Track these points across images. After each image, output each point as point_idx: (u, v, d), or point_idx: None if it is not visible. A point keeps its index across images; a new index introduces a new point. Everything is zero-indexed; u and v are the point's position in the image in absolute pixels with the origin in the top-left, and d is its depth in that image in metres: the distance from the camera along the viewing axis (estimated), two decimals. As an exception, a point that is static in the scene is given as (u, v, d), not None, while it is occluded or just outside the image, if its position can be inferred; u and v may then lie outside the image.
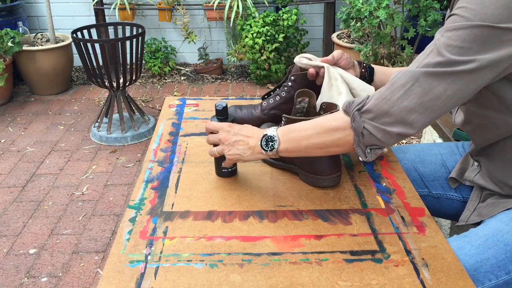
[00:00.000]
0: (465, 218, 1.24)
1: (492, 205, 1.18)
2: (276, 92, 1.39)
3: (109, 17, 4.13)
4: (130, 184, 2.69)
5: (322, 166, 1.14)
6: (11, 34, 3.48)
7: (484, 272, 1.02)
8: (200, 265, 0.92)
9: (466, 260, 1.02)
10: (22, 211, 2.45)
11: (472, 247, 1.05)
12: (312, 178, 1.16)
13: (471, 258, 1.03)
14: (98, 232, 2.30)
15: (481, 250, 1.04)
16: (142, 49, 3.07)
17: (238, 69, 4.33)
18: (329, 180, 1.15)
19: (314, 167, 1.15)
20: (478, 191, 1.24)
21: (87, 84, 4.08)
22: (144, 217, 1.06)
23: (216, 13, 3.93)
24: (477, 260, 1.03)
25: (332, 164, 1.14)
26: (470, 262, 1.02)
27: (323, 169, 1.14)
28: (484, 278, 1.02)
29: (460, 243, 1.06)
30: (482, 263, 1.03)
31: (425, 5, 3.04)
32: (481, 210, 1.20)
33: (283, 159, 1.21)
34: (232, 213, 1.08)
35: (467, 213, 1.24)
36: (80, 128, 3.34)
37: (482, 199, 1.22)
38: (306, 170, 1.17)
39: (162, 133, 1.43)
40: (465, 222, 1.23)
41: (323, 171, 1.14)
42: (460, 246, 1.05)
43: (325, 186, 1.16)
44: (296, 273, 0.91)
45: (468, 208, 1.24)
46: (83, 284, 1.99)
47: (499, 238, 1.06)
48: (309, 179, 1.17)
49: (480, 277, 1.02)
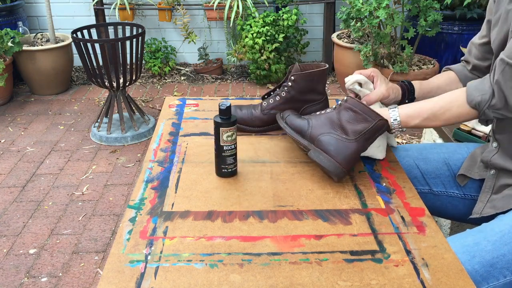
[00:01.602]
0: (479, 210, 1.24)
1: (508, 198, 1.18)
2: (276, 92, 1.39)
3: (109, 17, 4.13)
4: (130, 184, 2.69)
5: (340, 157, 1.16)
6: (11, 34, 3.48)
7: (500, 268, 1.03)
8: (200, 265, 0.92)
9: (482, 256, 1.03)
10: (22, 211, 2.45)
11: (488, 243, 1.05)
12: (325, 157, 1.16)
13: (488, 254, 1.04)
14: (98, 232, 2.30)
15: (497, 246, 1.05)
16: (142, 49, 3.07)
17: (238, 69, 4.33)
18: (338, 168, 1.15)
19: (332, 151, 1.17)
20: (491, 181, 1.24)
21: (87, 84, 4.08)
22: (144, 217, 1.06)
23: (216, 13, 3.93)
24: (494, 256, 1.04)
25: (349, 158, 1.16)
26: (487, 257, 1.03)
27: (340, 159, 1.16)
28: (499, 274, 1.03)
29: (477, 238, 1.07)
30: (498, 259, 1.03)
31: (425, 5, 3.04)
32: (496, 202, 1.20)
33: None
34: (232, 213, 1.08)
35: (480, 205, 1.24)
36: (80, 128, 3.34)
37: (495, 190, 1.22)
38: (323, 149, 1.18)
39: (162, 133, 1.43)
40: (479, 214, 1.24)
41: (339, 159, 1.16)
42: (477, 242, 1.06)
43: (331, 171, 1.16)
44: (296, 273, 0.91)
45: (481, 199, 1.24)
46: (83, 284, 1.99)
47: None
48: (321, 158, 1.17)
49: (496, 273, 1.03)
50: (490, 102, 1.11)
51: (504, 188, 1.21)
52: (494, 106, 1.11)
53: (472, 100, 1.13)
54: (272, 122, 1.41)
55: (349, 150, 1.15)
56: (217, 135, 1.17)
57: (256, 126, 1.41)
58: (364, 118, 1.16)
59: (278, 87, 1.40)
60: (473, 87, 1.14)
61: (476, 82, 1.15)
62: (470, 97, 1.13)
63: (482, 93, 1.12)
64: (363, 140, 1.16)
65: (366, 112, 1.16)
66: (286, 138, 1.39)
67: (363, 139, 1.16)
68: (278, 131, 1.43)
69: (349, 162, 1.15)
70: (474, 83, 1.15)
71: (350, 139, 1.16)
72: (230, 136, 1.16)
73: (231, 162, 1.19)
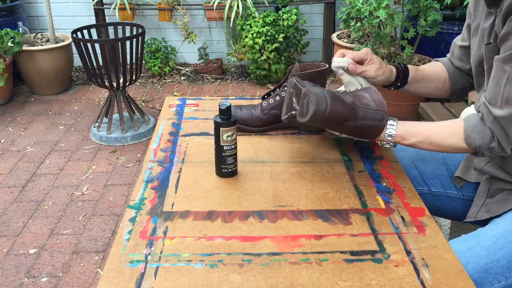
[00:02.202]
0: (473, 214, 1.23)
1: (502, 202, 1.18)
2: (276, 92, 1.39)
3: (109, 17, 4.13)
4: (130, 184, 2.69)
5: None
6: (11, 34, 3.48)
7: (494, 274, 1.02)
8: (200, 265, 0.92)
9: (476, 262, 1.03)
10: (22, 211, 2.45)
11: (482, 248, 1.05)
12: (320, 90, 1.12)
13: (482, 260, 1.03)
14: (98, 232, 2.30)
15: (491, 251, 1.04)
16: (142, 49, 3.07)
17: (238, 69, 4.33)
18: (323, 105, 1.10)
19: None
20: (485, 185, 1.23)
21: (87, 84, 4.08)
22: (144, 217, 1.06)
23: (216, 13, 3.93)
24: (488, 262, 1.03)
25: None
26: (480, 263, 1.03)
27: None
28: (493, 280, 1.02)
29: (471, 244, 1.06)
30: (492, 265, 1.03)
31: (425, 5, 3.04)
32: (490, 206, 1.20)
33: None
34: (232, 213, 1.08)
35: (474, 209, 1.23)
36: (80, 128, 3.34)
37: (490, 194, 1.22)
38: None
39: (162, 133, 1.43)
40: (474, 218, 1.23)
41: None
42: (470, 247, 1.05)
43: (316, 103, 1.10)
44: (296, 273, 0.91)
45: (476, 203, 1.24)
46: (83, 284, 1.99)
47: (509, 239, 1.06)
48: (314, 88, 1.13)
49: (490, 278, 1.02)
50: (490, 145, 1.10)
51: (498, 192, 1.20)
52: (493, 148, 1.10)
53: (471, 142, 1.10)
54: (272, 122, 1.41)
55: (340, 106, 1.10)
56: (217, 135, 1.17)
57: (256, 126, 1.41)
58: (372, 100, 1.14)
59: (278, 87, 1.40)
60: (471, 128, 1.11)
61: (474, 121, 1.11)
62: (470, 139, 1.10)
63: (482, 136, 1.09)
64: (356, 112, 1.12)
65: (377, 100, 1.14)
66: (286, 138, 1.40)
67: (356, 112, 1.12)
68: (278, 131, 1.43)
69: (333, 113, 1.09)
70: (472, 121, 1.12)
71: (348, 101, 1.13)
72: (230, 136, 1.16)
73: (231, 162, 1.19)
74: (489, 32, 1.14)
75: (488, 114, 1.08)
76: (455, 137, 1.12)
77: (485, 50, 1.13)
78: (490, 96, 1.09)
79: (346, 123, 1.12)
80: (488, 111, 1.08)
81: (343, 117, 1.11)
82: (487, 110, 1.09)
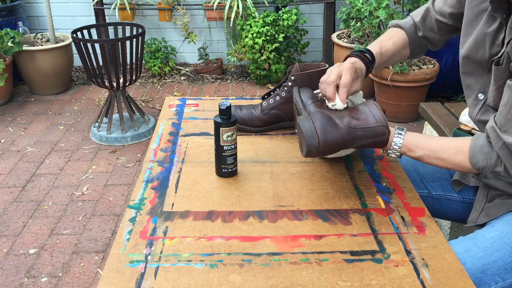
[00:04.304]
0: (474, 219, 1.23)
1: (500, 205, 1.18)
2: (276, 92, 1.39)
3: (109, 17, 4.13)
4: (130, 184, 2.69)
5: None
6: (11, 34, 3.48)
7: (491, 275, 1.02)
8: (200, 265, 0.92)
9: (473, 263, 1.03)
10: (22, 211, 2.45)
11: (479, 250, 1.05)
12: (311, 126, 1.07)
13: (479, 261, 1.03)
14: (98, 232, 2.30)
15: (488, 252, 1.04)
16: (142, 49, 3.07)
17: (238, 69, 4.33)
18: (314, 143, 1.06)
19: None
20: (484, 190, 1.23)
21: (87, 84, 4.08)
22: (144, 217, 1.06)
23: (216, 13, 3.92)
24: (485, 263, 1.03)
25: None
26: (477, 264, 1.03)
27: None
28: (490, 281, 1.02)
29: (467, 245, 1.06)
30: (489, 266, 1.03)
31: (425, 5, 3.04)
32: (489, 211, 1.20)
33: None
34: (232, 213, 1.08)
35: (475, 214, 1.23)
36: (80, 128, 3.34)
37: (489, 199, 1.22)
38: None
39: (162, 133, 1.43)
40: (474, 223, 1.23)
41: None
42: (467, 249, 1.05)
43: (307, 141, 1.06)
44: (296, 273, 0.91)
45: (476, 208, 1.24)
46: (83, 284, 1.99)
47: (506, 240, 1.06)
48: (305, 124, 1.08)
49: (487, 279, 1.02)
50: (495, 169, 1.07)
51: (496, 197, 1.20)
52: (499, 173, 1.07)
53: (476, 163, 1.08)
54: (272, 122, 1.41)
55: (334, 134, 1.06)
56: (217, 135, 1.17)
57: (256, 126, 1.41)
58: (371, 115, 1.09)
59: (278, 87, 1.40)
60: (478, 148, 1.08)
61: (482, 142, 1.09)
62: (474, 160, 1.08)
63: (487, 158, 1.07)
64: (353, 134, 1.08)
65: (377, 115, 1.09)
66: (286, 138, 1.39)
67: (353, 134, 1.08)
68: (278, 131, 1.43)
69: (327, 145, 1.06)
70: (480, 141, 1.09)
71: (342, 125, 1.08)
72: (230, 136, 1.16)
73: (231, 162, 1.19)
74: (493, 39, 1.11)
75: (497, 139, 1.05)
76: (461, 155, 1.09)
77: (495, 71, 1.10)
78: (501, 122, 1.05)
79: (346, 147, 1.09)
80: (497, 135, 1.05)
81: (339, 144, 1.08)
82: (496, 134, 1.05)
